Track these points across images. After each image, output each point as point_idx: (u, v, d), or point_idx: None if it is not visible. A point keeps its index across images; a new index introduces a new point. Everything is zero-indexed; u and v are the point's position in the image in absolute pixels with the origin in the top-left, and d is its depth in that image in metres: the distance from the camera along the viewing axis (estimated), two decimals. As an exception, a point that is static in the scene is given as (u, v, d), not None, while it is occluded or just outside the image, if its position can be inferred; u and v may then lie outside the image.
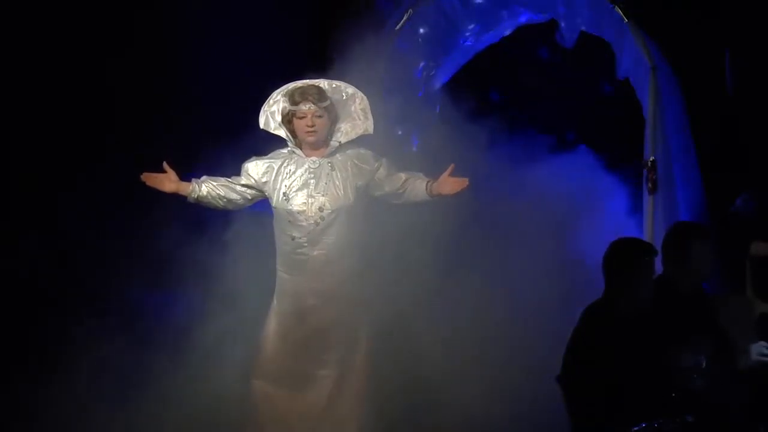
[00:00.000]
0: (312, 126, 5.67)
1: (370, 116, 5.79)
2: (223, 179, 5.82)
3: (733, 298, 5.94)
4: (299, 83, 5.74)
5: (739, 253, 6.27)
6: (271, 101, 5.78)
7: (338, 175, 5.73)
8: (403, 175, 5.78)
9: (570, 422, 5.03)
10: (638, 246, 5.15)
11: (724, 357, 5.13)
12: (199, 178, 5.81)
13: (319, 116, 5.67)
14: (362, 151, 5.80)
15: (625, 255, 5.05)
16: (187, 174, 5.80)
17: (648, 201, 6.12)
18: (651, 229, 6.00)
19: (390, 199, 5.82)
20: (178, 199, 5.79)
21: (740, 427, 4.97)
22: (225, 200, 5.81)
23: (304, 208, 5.69)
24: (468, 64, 7.09)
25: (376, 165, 5.77)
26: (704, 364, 5.02)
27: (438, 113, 6.87)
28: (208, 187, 5.78)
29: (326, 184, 5.71)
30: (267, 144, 5.86)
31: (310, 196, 5.70)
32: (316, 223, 5.68)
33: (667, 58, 6.44)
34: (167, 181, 5.75)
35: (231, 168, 5.85)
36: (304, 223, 5.70)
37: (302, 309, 5.78)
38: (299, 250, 5.73)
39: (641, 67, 6.26)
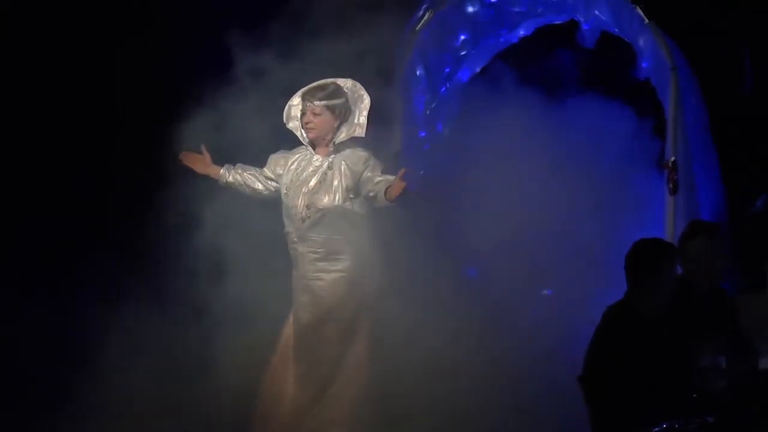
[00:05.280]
0: (308, 123, 5.84)
1: (365, 119, 5.88)
2: (252, 169, 6.05)
3: (753, 299, 5.92)
4: (320, 81, 5.88)
5: (759, 254, 6.27)
6: (295, 98, 5.92)
7: (333, 175, 5.84)
8: (377, 178, 5.82)
9: (591, 422, 5.04)
10: (660, 246, 5.16)
11: (744, 358, 5.13)
12: (234, 165, 6.04)
13: (318, 114, 5.82)
14: (357, 152, 5.89)
15: (647, 255, 5.06)
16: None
17: (669, 202, 6.10)
18: (672, 230, 5.98)
19: (369, 203, 5.86)
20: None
21: (760, 428, 4.97)
22: (251, 189, 6.04)
23: (296, 203, 5.85)
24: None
25: (363, 167, 5.84)
26: (724, 365, 5.03)
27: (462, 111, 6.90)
28: (236, 175, 6.03)
29: (320, 182, 5.83)
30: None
31: (303, 193, 5.83)
32: (302, 220, 5.83)
33: (688, 59, 6.43)
34: (201, 163, 6.02)
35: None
36: (294, 219, 5.85)
37: (297, 305, 5.93)
38: (292, 245, 5.91)
39: (662, 68, 6.25)
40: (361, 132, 5.87)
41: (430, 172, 6.66)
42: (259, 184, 6.02)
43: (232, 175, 6.02)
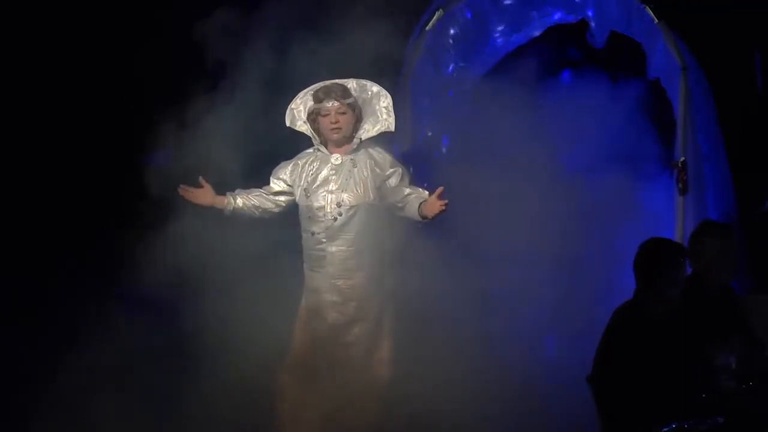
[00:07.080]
0: (336, 122, 5.79)
1: (392, 114, 5.86)
2: (256, 190, 5.96)
3: (763, 298, 5.94)
4: (325, 82, 5.86)
5: (768, 253, 6.29)
6: (298, 100, 5.91)
7: (359, 172, 5.81)
8: (407, 190, 5.79)
9: (600, 422, 5.05)
10: (669, 246, 5.16)
11: (754, 358, 5.14)
12: (234, 191, 5.94)
13: (343, 113, 5.78)
14: (383, 154, 5.88)
15: (656, 255, 5.07)
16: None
17: (678, 202, 6.11)
18: (682, 230, 5.99)
19: (391, 210, 5.83)
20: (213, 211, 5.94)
21: (770, 428, 4.98)
22: (260, 210, 5.94)
23: (323, 203, 5.79)
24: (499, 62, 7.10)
25: (389, 172, 5.83)
26: (734, 365, 5.03)
27: (469, 112, 6.88)
28: (243, 199, 5.93)
29: (346, 180, 5.79)
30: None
31: (329, 192, 5.80)
32: (334, 219, 5.77)
33: (698, 59, 6.44)
34: (203, 195, 5.91)
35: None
36: (322, 219, 5.79)
37: (322, 305, 5.86)
38: (318, 246, 5.82)
39: (672, 68, 6.26)
40: (390, 126, 5.84)
41: (437, 174, 6.66)
42: (269, 203, 5.93)
43: (238, 200, 5.92)
